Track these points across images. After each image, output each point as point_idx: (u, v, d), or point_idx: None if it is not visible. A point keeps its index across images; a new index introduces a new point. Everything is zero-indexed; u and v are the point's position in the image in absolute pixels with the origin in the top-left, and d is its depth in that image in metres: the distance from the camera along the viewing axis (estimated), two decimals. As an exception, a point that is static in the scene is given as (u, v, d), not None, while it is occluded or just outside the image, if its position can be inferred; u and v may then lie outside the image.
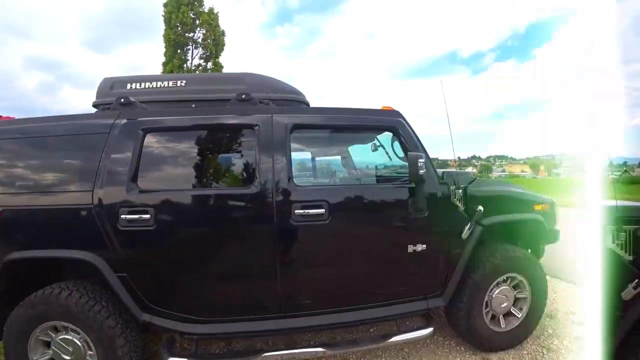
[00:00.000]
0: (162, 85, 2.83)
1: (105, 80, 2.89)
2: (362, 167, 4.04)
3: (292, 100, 2.81)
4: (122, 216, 2.15)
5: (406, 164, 2.87)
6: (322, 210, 2.27)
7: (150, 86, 2.83)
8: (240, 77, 2.79)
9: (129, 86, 2.80)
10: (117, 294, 2.16)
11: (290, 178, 2.28)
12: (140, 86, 2.83)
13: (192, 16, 15.97)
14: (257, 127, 2.31)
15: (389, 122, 2.65)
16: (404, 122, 2.68)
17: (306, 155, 3.92)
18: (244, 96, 2.40)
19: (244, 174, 2.39)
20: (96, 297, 2.15)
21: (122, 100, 2.40)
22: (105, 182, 2.18)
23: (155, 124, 2.32)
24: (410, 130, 2.69)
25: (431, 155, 2.72)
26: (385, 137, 3.37)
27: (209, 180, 2.39)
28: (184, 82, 2.83)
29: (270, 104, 2.50)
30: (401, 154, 2.79)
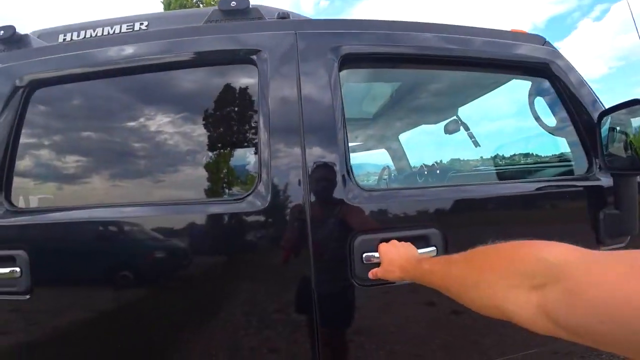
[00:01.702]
0: (112, 32, 1.68)
1: (33, 34, 1.81)
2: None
3: None
4: (-33, 270, 0.93)
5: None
6: (432, 251, 0.94)
7: (94, 35, 1.69)
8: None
9: (61, 38, 1.69)
10: None
11: (347, 174, 0.97)
12: (79, 36, 1.70)
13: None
14: (260, 57, 1.02)
15: (540, 54, 1.27)
16: (562, 55, 1.32)
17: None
18: (233, 3, 1.14)
19: (234, 169, 1.08)
20: None
21: (1, 32, 1.22)
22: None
23: (51, 70, 1.10)
24: (575, 70, 1.31)
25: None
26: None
27: (157, 186, 1.08)
28: (145, 24, 1.66)
29: (289, 17, 1.19)
30: (552, 122, 1.41)
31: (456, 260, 0.57)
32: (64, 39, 1.69)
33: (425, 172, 2.61)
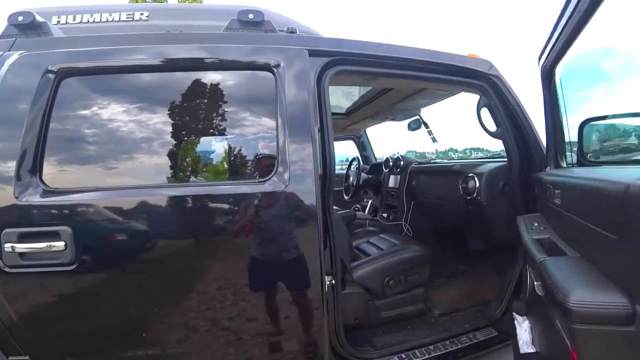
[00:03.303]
0: (110, 20, 1.74)
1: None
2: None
3: None
4: (8, 246, 1.05)
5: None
6: None
7: (91, 20, 1.74)
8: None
9: (55, 20, 1.71)
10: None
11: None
12: (74, 20, 1.74)
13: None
14: (278, 69, 1.21)
15: (479, 76, 1.63)
16: (500, 77, 1.65)
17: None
18: (250, 15, 1.31)
19: (259, 155, 1.27)
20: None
21: (20, 18, 1.28)
22: (-24, 176, 1.09)
23: (81, 61, 1.20)
24: (507, 92, 1.65)
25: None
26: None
27: (186, 170, 1.25)
28: (146, 14, 1.74)
29: (297, 32, 1.39)
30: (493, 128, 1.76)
31: None
32: (58, 21, 1.72)
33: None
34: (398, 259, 1.81)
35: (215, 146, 1.24)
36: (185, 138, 1.23)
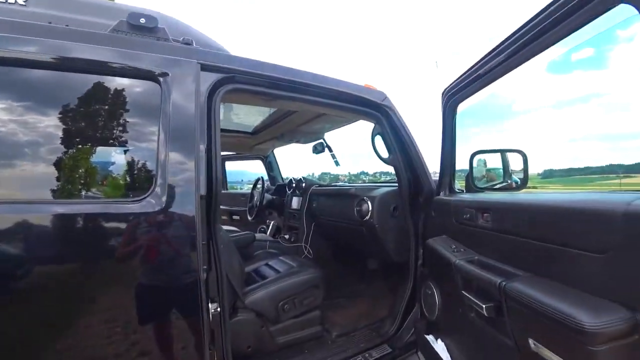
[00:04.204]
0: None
1: None
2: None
3: None
4: None
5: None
6: None
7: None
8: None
9: None
10: None
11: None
12: None
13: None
14: (165, 80, 1.13)
15: (373, 106, 1.76)
16: (393, 108, 1.80)
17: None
18: (142, 20, 1.21)
19: (136, 172, 1.12)
20: None
21: None
22: None
23: None
24: (398, 122, 1.81)
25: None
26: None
27: (49, 184, 1.00)
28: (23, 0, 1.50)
29: (193, 44, 1.32)
30: (386, 154, 1.90)
31: None
32: None
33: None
34: (293, 281, 1.80)
35: (85, 159, 1.06)
36: (52, 147, 1.02)
